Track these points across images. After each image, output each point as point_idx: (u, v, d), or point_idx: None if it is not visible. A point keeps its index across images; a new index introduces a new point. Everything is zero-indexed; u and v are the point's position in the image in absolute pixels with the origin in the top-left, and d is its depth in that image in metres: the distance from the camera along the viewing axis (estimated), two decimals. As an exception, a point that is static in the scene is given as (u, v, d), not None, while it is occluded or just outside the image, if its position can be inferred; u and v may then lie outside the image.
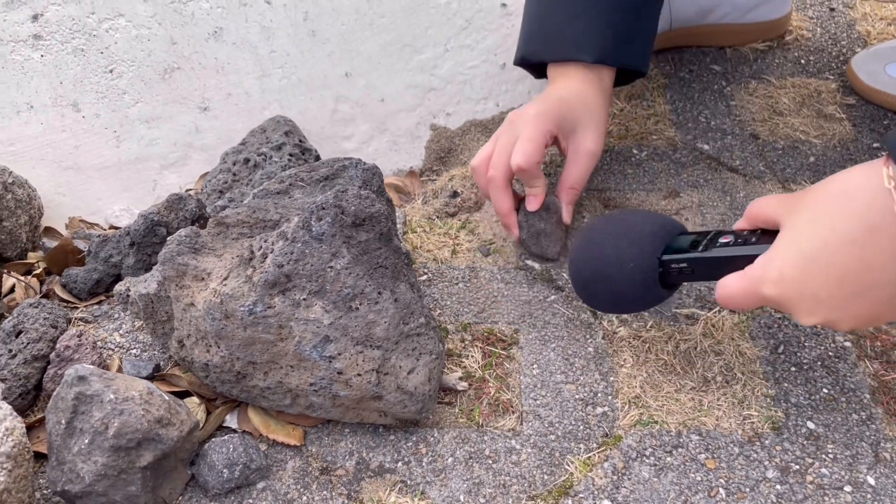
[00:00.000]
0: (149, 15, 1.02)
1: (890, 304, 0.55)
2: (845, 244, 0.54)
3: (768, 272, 0.58)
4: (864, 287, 0.54)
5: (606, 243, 0.67)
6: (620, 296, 0.68)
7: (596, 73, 0.84)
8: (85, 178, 0.98)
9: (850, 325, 0.57)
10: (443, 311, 0.82)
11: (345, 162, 0.75)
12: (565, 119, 0.81)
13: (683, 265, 0.64)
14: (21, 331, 0.72)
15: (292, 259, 0.61)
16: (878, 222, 0.52)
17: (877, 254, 0.53)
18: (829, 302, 0.56)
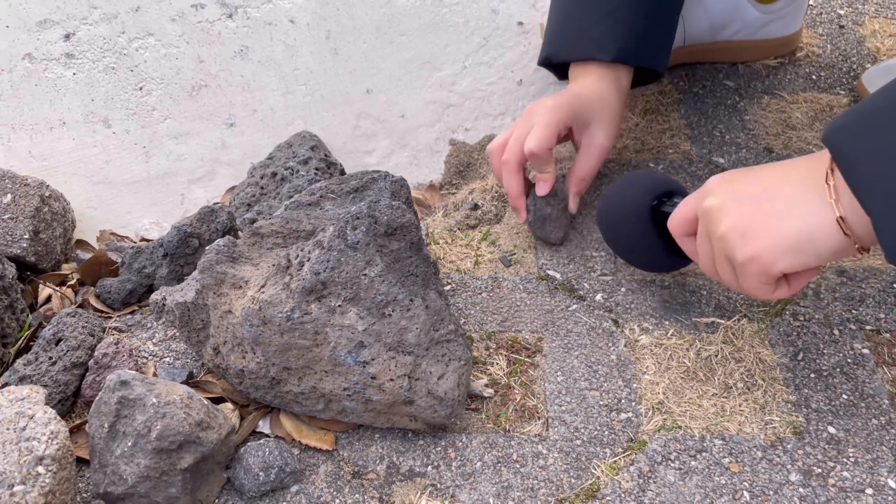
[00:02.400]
0: (177, 34, 1.05)
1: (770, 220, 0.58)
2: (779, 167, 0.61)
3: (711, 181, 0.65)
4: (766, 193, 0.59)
5: (621, 186, 0.80)
6: (619, 227, 0.79)
7: (614, 72, 0.88)
8: (115, 193, 1.00)
9: (727, 223, 0.61)
10: (467, 320, 0.84)
11: (374, 175, 0.77)
12: (580, 113, 0.85)
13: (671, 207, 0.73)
14: (61, 339, 0.74)
15: (328, 267, 0.63)
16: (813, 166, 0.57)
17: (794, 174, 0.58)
18: (734, 192, 0.61)
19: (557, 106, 0.84)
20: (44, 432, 0.62)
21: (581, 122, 0.86)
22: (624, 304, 0.85)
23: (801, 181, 0.58)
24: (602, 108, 0.87)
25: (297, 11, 1.09)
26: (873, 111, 0.54)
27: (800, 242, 0.57)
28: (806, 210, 0.57)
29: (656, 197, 0.76)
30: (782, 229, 0.58)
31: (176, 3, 1.05)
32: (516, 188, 0.87)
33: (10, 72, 1.00)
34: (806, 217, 0.57)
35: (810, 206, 0.57)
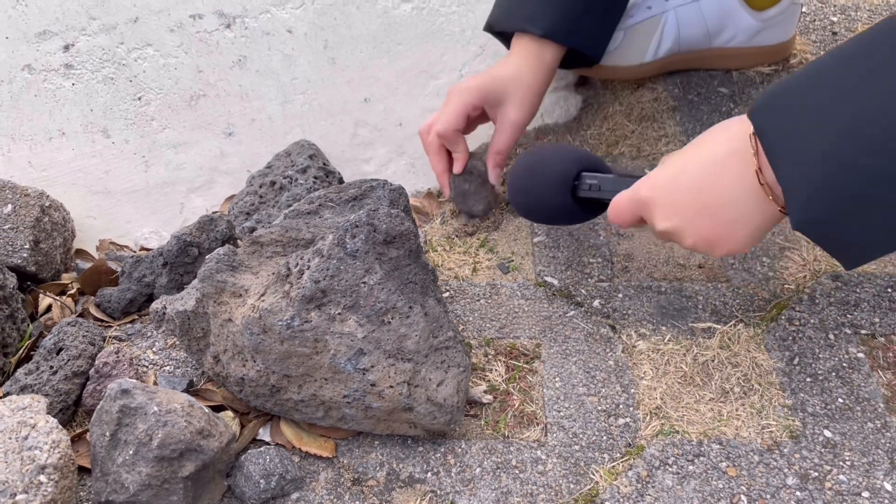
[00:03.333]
0: (176, 44, 1.06)
1: (728, 230, 0.65)
2: (707, 162, 0.65)
3: (647, 179, 0.71)
4: (712, 202, 0.64)
5: (543, 152, 0.83)
6: (539, 193, 0.82)
7: (540, 48, 0.91)
8: (114, 202, 1.01)
9: (693, 241, 0.67)
10: (466, 326, 0.84)
11: (372, 183, 0.78)
12: (490, 93, 0.90)
13: (594, 181, 0.78)
14: (61, 348, 0.74)
15: (328, 275, 0.64)
16: (735, 147, 0.62)
17: (727, 173, 0.63)
18: (682, 211, 0.67)
19: (466, 88, 0.90)
20: (46, 441, 0.62)
21: (493, 101, 0.91)
22: (621, 309, 0.85)
23: (737, 178, 0.63)
24: (516, 86, 0.90)
25: (295, 21, 1.10)
26: (789, 91, 0.59)
27: (757, 234, 0.65)
28: (753, 209, 0.63)
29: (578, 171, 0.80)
30: (741, 233, 0.65)
31: (174, 13, 1.06)
32: (438, 167, 0.94)
33: (10, 83, 1.01)
34: (756, 215, 0.63)
35: (755, 205, 0.63)
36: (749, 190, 0.62)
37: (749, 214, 0.63)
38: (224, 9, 1.08)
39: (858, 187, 0.55)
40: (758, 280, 0.88)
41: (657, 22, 1.16)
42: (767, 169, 0.60)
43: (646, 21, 1.16)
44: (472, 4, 1.16)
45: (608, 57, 1.18)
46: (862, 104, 0.54)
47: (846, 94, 0.55)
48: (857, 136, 0.54)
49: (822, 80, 0.57)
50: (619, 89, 1.19)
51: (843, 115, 0.54)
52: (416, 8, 1.14)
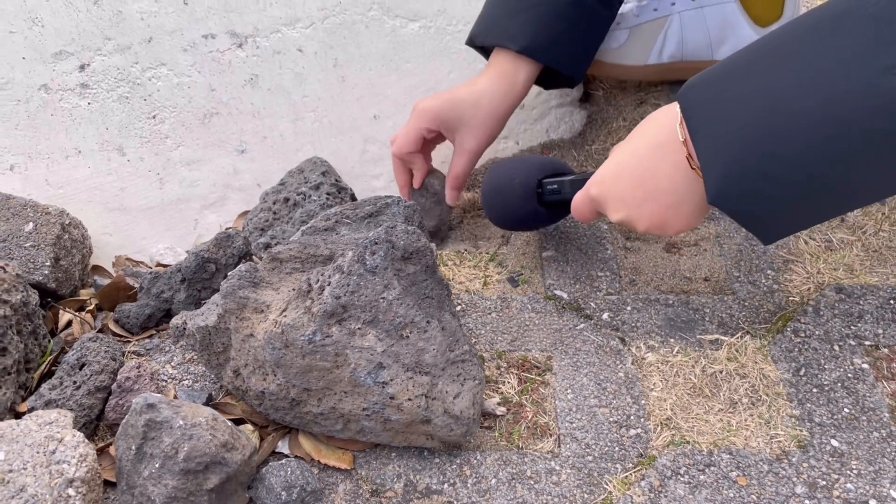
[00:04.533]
0: (189, 64, 1.08)
1: (673, 211, 0.70)
2: (644, 154, 0.70)
3: (595, 177, 0.76)
4: (653, 191, 0.70)
5: (505, 167, 0.90)
6: (506, 205, 0.88)
7: (515, 67, 0.93)
8: (130, 219, 1.03)
9: (645, 226, 0.72)
10: (478, 339, 0.86)
11: (387, 200, 0.80)
12: (448, 119, 0.93)
13: (554, 186, 0.85)
14: (84, 363, 0.76)
15: (348, 291, 0.66)
16: (666, 139, 0.68)
17: (662, 163, 0.68)
18: (629, 201, 0.72)
19: (424, 111, 0.93)
20: (73, 455, 0.63)
21: (449, 126, 0.94)
22: (630, 322, 0.87)
23: (672, 165, 0.68)
24: (474, 112, 0.92)
25: (305, 41, 1.12)
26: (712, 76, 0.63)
27: (701, 211, 0.70)
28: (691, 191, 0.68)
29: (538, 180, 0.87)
30: (685, 212, 0.70)
31: (187, 33, 1.08)
32: (400, 180, 1.00)
33: (27, 102, 1.03)
34: (695, 195, 0.68)
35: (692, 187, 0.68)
36: (684, 174, 0.67)
37: (689, 196, 0.68)
38: (236, 28, 1.10)
39: (763, 167, 0.60)
40: (763, 292, 0.89)
41: (662, 23, 1.19)
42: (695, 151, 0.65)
43: (651, 22, 1.19)
44: (478, 23, 1.18)
45: (612, 55, 1.20)
46: (766, 92, 0.59)
47: (756, 81, 0.59)
48: (761, 120, 0.59)
49: (740, 67, 0.62)
50: (622, 105, 1.22)
51: (751, 101, 0.59)
52: (424, 27, 1.16)
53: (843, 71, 0.55)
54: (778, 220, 0.63)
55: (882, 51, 0.53)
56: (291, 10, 1.12)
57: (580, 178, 0.83)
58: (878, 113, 0.54)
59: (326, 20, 1.14)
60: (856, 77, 0.54)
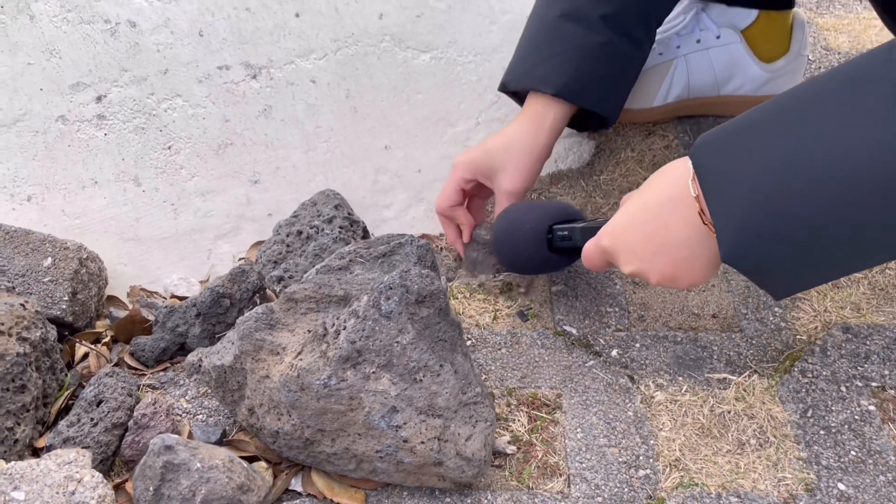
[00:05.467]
0: (204, 95, 1.09)
1: (685, 265, 0.70)
2: (655, 207, 0.70)
3: (606, 228, 0.77)
4: (665, 245, 0.70)
5: (516, 212, 0.91)
6: (517, 251, 0.89)
7: (546, 108, 0.93)
8: (145, 249, 1.04)
9: (657, 279, 0.72)
10: (488, 376, 0.87)
11: (400, 239, 0.81)
12: (484, 167, 0.94)
13: (565, 233, 0.86)
14: (101, 400, 0.77)
15: (363, 336, 0.67)
16: (678, 193, 0.68)
17: (674, 217, 0.68)
18: (640, 254, 0.72)
19: (461, 164, 0.95)
20: (92, 496, 0.65)
21: (486, 174, 0.94)
22: (639, 359, 0.88)
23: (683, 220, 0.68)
24: (507, 156, 0.93)
25: (318, 72, 1.14)
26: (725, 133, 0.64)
27: (713, 265, 0.70)
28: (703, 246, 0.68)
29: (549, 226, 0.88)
30: (697, 267, 0.70)
31: (202, 65, 1.10)
32: (449, 235, 1.00)
33: (45, 133, 1.04)
34: (707, 250, 0.68)
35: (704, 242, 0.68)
36: (695, 230, 0.67)
37: (700, 251, 0.68)
38: (250, 60, 1.12)
39: (778, 228, 0.60)
40: (770, 330, 0.90)
41: (668, 67, 1.20)
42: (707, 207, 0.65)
43: (657, 66, 1.20)
44: (488, 54, 1.20)
45: (619, 100, 1.21)
46: (781, 152, 0.59)
47: (770, 140, 0.60)
48: (777, 180, 0.59)
49: (754, 126, 0.62)
50: (630, 136, 1.23)
51: (766, 160, 0.60)
52: (435, 58, 1.18)
53: (861, 132, 0.55)
54: (791, 278, 0.64)
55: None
56: (305, 41, 1.14)
57: (591, 225, 0.83)
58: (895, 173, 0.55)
59: (339, 51, 1.15)
60: (875, 139, 0.55)
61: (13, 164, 1.03)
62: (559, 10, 0.93)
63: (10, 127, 1.04)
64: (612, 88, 0.97)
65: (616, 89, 0.97)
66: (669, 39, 1.19)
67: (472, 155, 0.95)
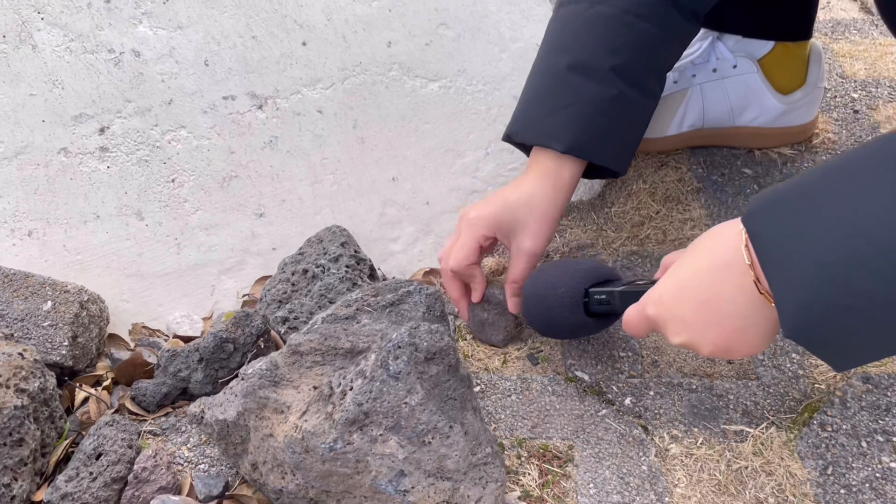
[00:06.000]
0: (209, 126, 1.07)
1: (739, 336, 0.65)
2: (706, 274, 0.66)
3: (652, 296, 0.71)
4: (717, 314, 0.65)
5: (548, 274, 0.86)
6: (551, 315, 0.85)
7: (560, 165, 0.89)
8: (147, 285, 1.02)
9: (709, 350, 0.67)
10: (497, 425, 0.85)
11: (409, 287, 0.79)
12: (503, 223, 0.89)
13: (602, 296, 0.81)
14: (101, 453, 0.75)
15: (371, 397, 0.65)
16: (731, 260, 0.63)
17: (727, 286, 0.64)
18: (691, 324, 0.67)
19: (478, 219, 0.89)
20: (90, 563, 0.62)
21: (505, 230, 0.89)
22: (653, 409, 0.86)
23: (738, 289, 0.63)
24: (529, 213, 0.88)
25: (325, 102, 1.12)
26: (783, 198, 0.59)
27: (769, 335, 0.65)
28: (758, 316, 0.64)
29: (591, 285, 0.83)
30: (752, 337, 0.65)
31: (208, 95, 1.08)
32: (453, 294, 0.93)
33: (47, 166, 1.02)
34: (763, 320, 0.64)
35: (760, 312, 0.63)
36: (751, 299, 0.63)
37: (756, 321, 0.64)
38: (256, 90, 1.10)
39: (847, 302, 0.55)
40: (788, 378, 0.88)
41: (682, 96, 1.18)
42: (764, 277, 0.61)
43: (671, 95, 1.18)
44: (497, 83, 1.18)
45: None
46: (847, 219, 0.54)
47: (834, 206, 0.55)
48: (844, 251, 0.54)
49: (814, 189, 0.57)
50: (643, 167, 1.21)
51: (830, 229, 0.55)
52: (444, 87, 1.16)
53: None
54: (859, 352, 0.59)
55: None
56: (312, 70, 1.12)
57: (632, 290, 0.78)
58: None
59: (347, 80, 1.13)
60: None
61: (14, 199, 1.01)
62: (567, 60, 0.89)
63: (12, 160, 1.02)
64: (624, 142, 0.92)
65: (628, 142, 0.93)
66: (685, 68, 1.17)
67: (491, 210, 0.89)
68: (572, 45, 0.90)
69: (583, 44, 0.89)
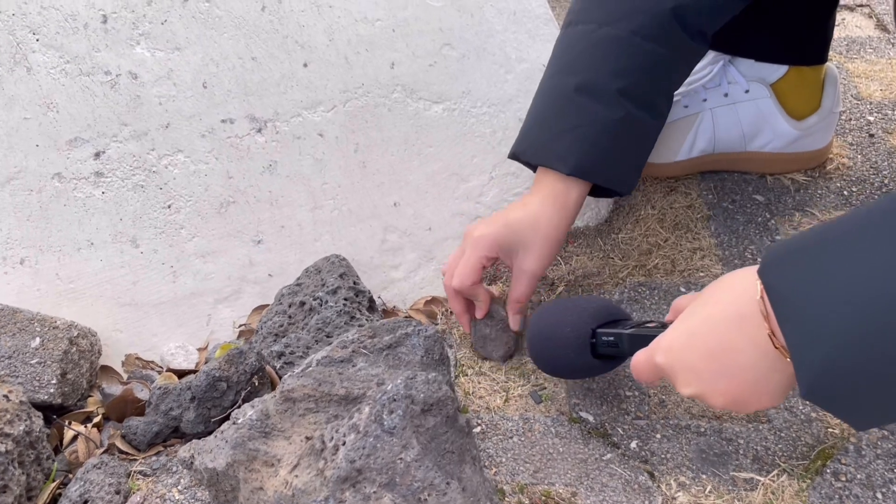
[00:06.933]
0: (206, 150, 1.05)
1: (752, 388, 0.62)
2: (719, 324, 0.63)
3: (661, 343, 0.69)
4: (730, 366, 0.62)
5: (555, 312, 0.83)
6: (557, 355, 0.82)
7: (566, 186, 0.89)
8: (142, 315, 1.00)
9: (721, 403, 0.65)
10: (498, 469, 0.82)
11: (407, 329, 0.76)
12: (506, 243, 0.89)
13: (611, 338, 0.78)
14: (87, 500, 0.72)
15: (364, 454, 0.62)
16: (745, 311, 0.60)
17: (741, 337, 0.61)
18: (702, 375, 0.65)
19: (482, 238, 0.89)
20: None
21: (508, 250, 0.89)
22: (659, 453, 0.83)
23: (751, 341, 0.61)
24: (533, 234, 0.88)
25: (326, 125, 1.09)
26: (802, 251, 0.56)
27: (783, 389, 0.63)
28: (772, 370, 0.61)
29: (598, 326, 0.81)
30: (766, 391, 0.63)
31: (206, 118, 1.05)
32: (456, 309, 0.95)
33: (40, 192, 1.00)
34: (777, 374, 0.61)
35: (774, 366, 0.61)
36: (764, 352, 0.60)
37: (770, 374, 0.61)
38: (255, 113, 1.07)
39: (869, 365, 0.52)
40: (800, 421, 0.85)
41: (692, 121, 1.15)
42: (780, 331, 0.58)
43: (681, 119, 1.15)
44: (502, 105, 1.15)
45: (641, 154, 1.16)
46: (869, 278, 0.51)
47: (855, 262, 0.52)
48: (866, 311, 0.51)
49: (832, 244, 0.54)
50: (651, 192, 1.18)
51: (851, 287, 0.52)
52: (448, 109, 1.13)
53: None
54: (879, 413, 0.56)
55: None
56: (313, 92, 1.09)
57: (642, 333, 0.76)
58: None
59: (348, 103, 1.11)
60: None
61: (6, 225, 0.99)
62: (574, 81, 0.88)
63: (4, 185, 1.00)
64: (630, 163, 0.92)
65: (634, 163, 0.92)
66: (696, 92, 1.14)
67: (495, 229, 0.89)
68: (579, 66, 0.89)
69: (589, 65, 0.88)
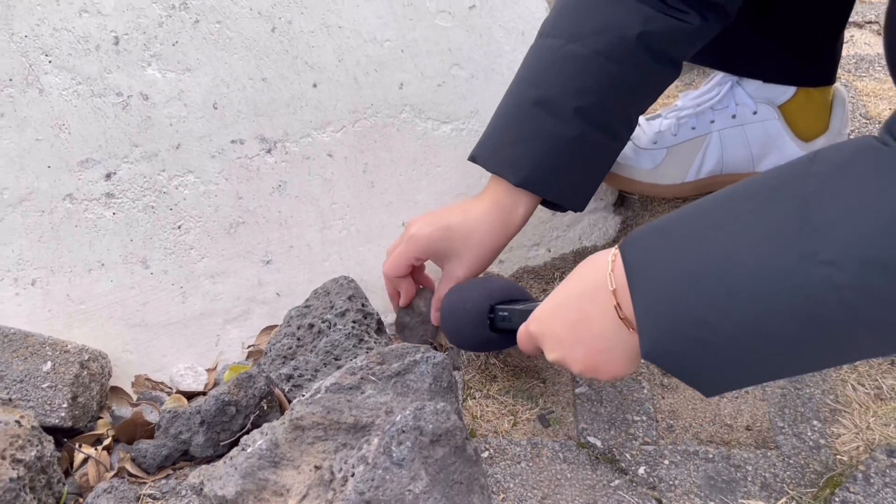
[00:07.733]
0: (216, 171, 1.06)
1: (604, 357, 0.70)
2: (579, 297, 0.71)
3: (535, 314, 0.78)
4: (585, 335, 0.70)
5: (462, 290, 0.90)
6: (459, 329, 0.89)
7: (513, 198, 0.91)
8: (152, 336, 1.00)
9: (578, 368, 0.73)
10: (506, 495, 0.82)
11: (415, 356, 0.76)
12: (439, 248, 0.92)
13: (505, 314, 0.85)
14: (97, 526, 0.73)
15: (373, 486, 0.62)
16: (599, 285, 0.68)
17: (595, 308, 0.69)
18: (563, 342, 0.73)
19: (416, 238, 0.91)
20: None
21: (439, 255, 0.93)
22: (667, 479, 0.83)
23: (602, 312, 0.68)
24: (466, 245, 0.90)
25: (336, 145, 1.10)
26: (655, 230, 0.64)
27: (632, 360, 0.71)
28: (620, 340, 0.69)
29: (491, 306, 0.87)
30: (616, 360, 0.70)
31: (216, 139, 1.06)
32: (388, 291, 1.00)
33: (51, 213, 1.01)
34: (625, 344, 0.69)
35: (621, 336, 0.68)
36: (613, 323, 0.67)
37: (619, 344, 0.69)
38: (265, 133, 1.08)
39: (696, 333, 0.60)
40: (809, 448, 0.85)
41: (700, 142, 1.15)
42: (626, 304, 0.65)
43: (689, 141, 1.15)
44: (512, 125, 1.15)
45: (649, 174, 1.16)
46: (703, 258, 0.58)
47: (695, 244, 0.59)
48: (696, 286, 0.59)
49: (679, 225, 0.62)
50: (659, 212, 1.18)
51: (689, 265, 0.59)
52: (456, 129, 1.13)
53: (767, 250, 0.55)
54: (714, 379, 0.63)
55: (804, 236, 0.53)
56: (322, 113, 1.10)
57: (527, 308, 0.82)
58: (796, 296, 0.53)
59: (357, 123, 1.11)
60: (778, 258, 0.54)
61: (18, 246, 1.00)
62: (535, 94, 0.88)
63: (16, 206, 1.01)
64: (582, 181, 0.92)
65: (584, 181, 0.93)
66: (703, 113, 1.14)
67: (429, 232, 0.91)
68: (542, 79, 0.90)
69: (552, 81, 0.89)
